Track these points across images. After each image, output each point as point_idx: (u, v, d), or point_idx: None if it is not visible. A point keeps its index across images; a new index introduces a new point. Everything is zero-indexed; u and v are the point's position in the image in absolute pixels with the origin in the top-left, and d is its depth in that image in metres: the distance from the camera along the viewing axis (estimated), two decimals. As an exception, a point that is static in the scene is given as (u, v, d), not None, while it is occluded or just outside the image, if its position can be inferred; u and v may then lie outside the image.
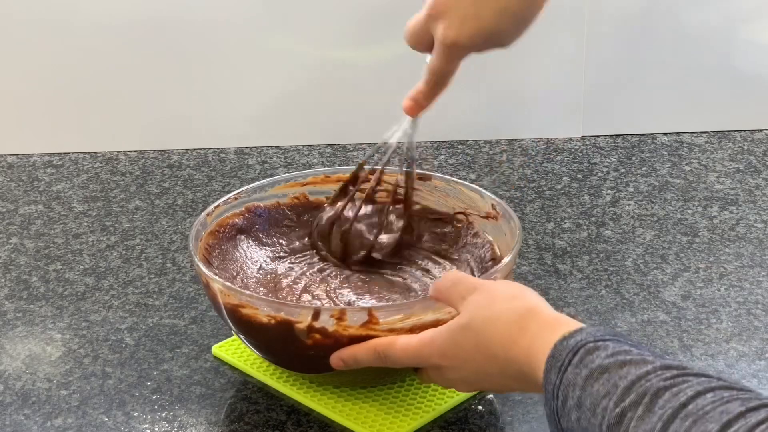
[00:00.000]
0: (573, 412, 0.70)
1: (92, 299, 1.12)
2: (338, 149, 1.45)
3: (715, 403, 0.62)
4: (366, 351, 0.87)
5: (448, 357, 0.83)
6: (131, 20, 1.42)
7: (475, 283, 0.85)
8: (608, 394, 0.67)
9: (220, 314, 0.94)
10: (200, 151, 1.45)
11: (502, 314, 0.80)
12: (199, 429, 0.93)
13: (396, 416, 0.92)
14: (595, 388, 0.68)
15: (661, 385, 0.65)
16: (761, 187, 1.35)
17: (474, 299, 0.83)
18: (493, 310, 0.81)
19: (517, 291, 0.83)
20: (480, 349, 0.80)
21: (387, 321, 0.87)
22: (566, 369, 0.71)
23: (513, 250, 0.94)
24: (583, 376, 0.70)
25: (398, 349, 0.85)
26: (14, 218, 1.28)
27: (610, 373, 0.69)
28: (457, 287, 0.85)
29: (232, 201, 1.06)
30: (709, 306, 1.10)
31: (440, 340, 0.83)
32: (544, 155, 1.43)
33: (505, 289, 0.83)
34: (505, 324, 0.79)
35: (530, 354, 0.76)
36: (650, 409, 0.64)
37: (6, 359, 1.03)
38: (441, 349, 0.83)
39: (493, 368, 0.80)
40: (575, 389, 0.70)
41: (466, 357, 0.82)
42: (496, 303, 0.81)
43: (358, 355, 0.87)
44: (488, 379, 0.82)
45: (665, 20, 1.47)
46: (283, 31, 1.45)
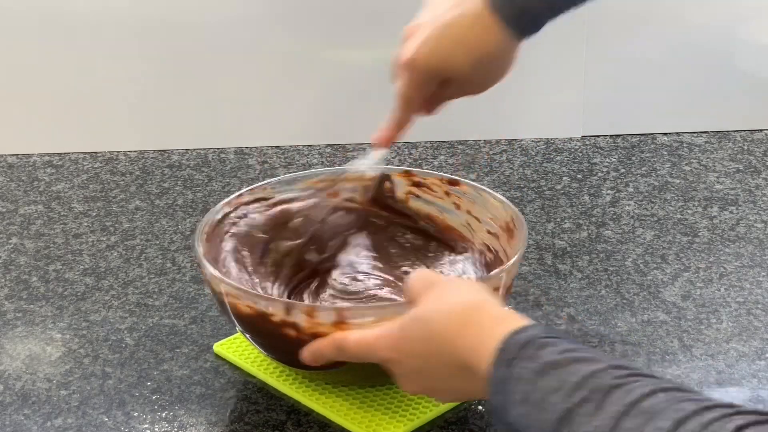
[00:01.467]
0: (519, 406, 0.68)
1: (92, 299, 1.12)
2: (338, 149, 1.46)
3: (668, 401, 0.62)
4: (327, 344, 0.86)
5: (396, 350, 0.81)
6: (131, 20, 1.42)
7: (435, 279, 0.84)
8: (557, 390, 0.66)
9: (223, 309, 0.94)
10: (200, 151, 1.45)
11: (452, 306, 0.79)
12: (199, 429, 0.93)
13: (394, 416, 0.92)
14: (545, 383, 0.67)
15: (613, 383, 0.64)
16: (761, 187, 1.35)
17: (430, 293, 0.82)
18: (444, 301, 0.80)
19: (471, 288, 0.82)
20: (426, 339, 0.79)
21: (357, 322, 0.87)
22: (514, 362, 0.70)
23: (518, 252, 0.95)
24: (532, 370, 0.69)
25: (353, 342, 0.85)
26: (14, 218, 1.28)
27: (560, 368, 0.67)
28: (420, 282, 0.84)
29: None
30: (709, 306, 1.10)
31: (391, 333, 0.82)
32: (544, 155, 1.43)
33: (460, 285, 0.83)
34: (452, 315, 0.78)
35: (476, 346, 0.74)
36: (601, 407, 0.63)
37: (6, 359, 1.03)
38: (391, 341, 0.82)
39: (439, 362, 0.78)
40: (522, 383, 0.69)
41: (414, 349, 0.80)
42: (448, 295, 0.80)
43: (322, 349, 0.87)
44: (433, 375, 0.80)
45: (665, 20, 1.47)
46: (283, 31, 1.45)
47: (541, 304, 1.10)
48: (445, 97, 1.03)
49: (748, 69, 1.50)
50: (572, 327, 1.06)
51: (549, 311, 1.09)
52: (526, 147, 1.46)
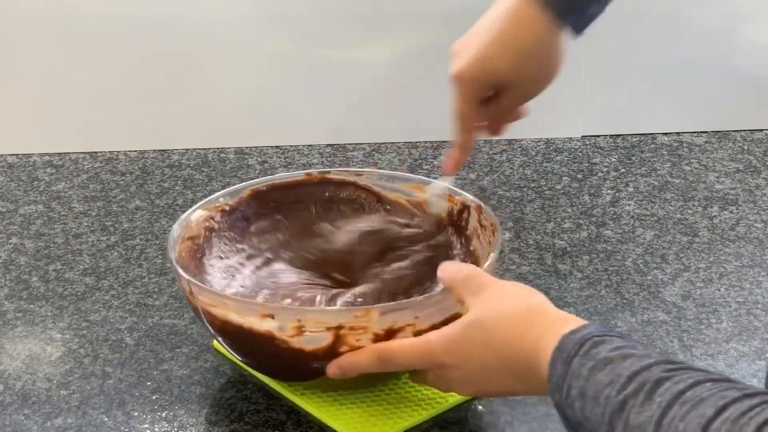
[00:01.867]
0: (576, 401, 0.71)
1: (92, 299, 1.12)
2: (338, 149, 1.45)
3: (712, 390, 0.63)
4: (367, 356, 0.86)
5: (455, 354, 0.83)
6: (131, 20, 1.42)
7: (486, 280, 0.86)
8: (611, 384, 0.68)
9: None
10: (200, 151, 1.45)
11: (512, 311, 0.81)
12: (199, 429, 0.93)
13: (391, 417, 0.92)
14: (599, 378, 0.69)
15: (663, 376, 0.66)
16: (761, 187, 1.35)
17: (484, 296, 0.84)
18: (502, 307, 0.82)
19: (525, 291, 0.84)
20: (488, 345, 0.81)
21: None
22: (572, 360, 0.72)
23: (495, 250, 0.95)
24: (588, 367, 0.71)
25: (403, 351, 0.85)
26: (14, 218, 1.28)
27: (613, 364, 0.70)
28: (469, 282, 0.86)
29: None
30: (709, 306, 1.10)
31: (448, 337, 0.83)
32: (544, 155, 1.43)
33: (514, 289, 0.85)
34: (514, 320, 0.80)
35: (537, 348, 0.77)
36: (650, 397, 0.65)
37: (6, 359, 1.03)
38: (449, 346, 0.83)
39: (498, 365, 0.81)
40: (579, 379, 0.71)
41: (473, 353, 0.82)
42: (505, 300, 0.83)
43: (358, 362, 0.87)
44: (492, 378, 0.82)
45: (665, 20, 1.47)
46: (282, 31, 1.45)
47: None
48: (503, 108, 1.00)
49: (748, 69, 1.50)
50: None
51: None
52: (526, 147, 1.46)
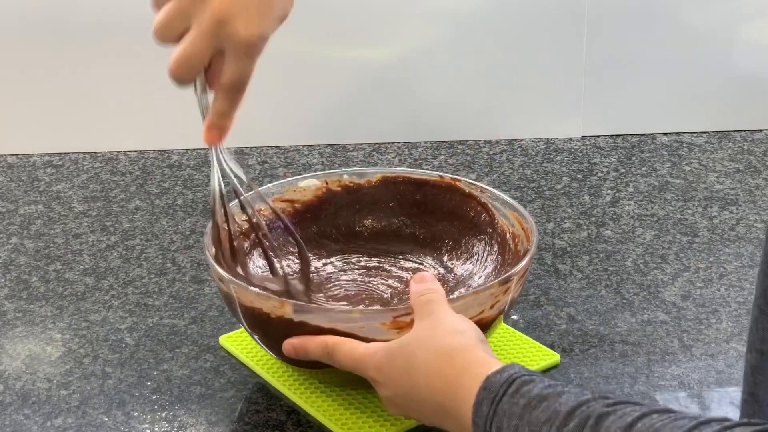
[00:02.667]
0: None
1: (92, 299, 1.12)
2: (338, 149, 1.46)
3: (663, 421, 0.62)
4: (316, 345, 0.86)
5: (381, 372, 0.82)
6: (131, 20, 1.41)
7: (435, 308, 0.84)
8: (549, 420, 0.67)
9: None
10: (200, 151, 1.45)
11: (437, 344, 0.80)
12: (199, 429, 0.93)
13: (390, 417, 0.92)
14: (534, 416, 0.68)
15: (604, 410, 0.65)
16: (761, 187, 1.35)
17: (423, 323, 0.83)
18: (431, 337, 0.80)
19: (462, 326, 0.82)
20: (409, 374, 0.80)
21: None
22: (500, 400, 0.71)
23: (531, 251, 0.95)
24: (520, 405, 0.69)
25: (344, 352, 0.85)
26: (14, 218, 1.28)
27: (549, 401, 0.68)
28: (425, 307, 0.84)
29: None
30: (709, 306, 1.10)
31: (379, 354, 0.83)
32: (544, 155, 1.44)
33: (452, 323, 0.82)
34: (436, 354, 0.79)
35: (456, 388, 0.75)
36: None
37: (6, 359, 1.03)
38: (378, 362, 0.82)
39: (416, 396, 0.79)
40: (512, 418, 0.69)
41: (395, 376, 0.81)
42: (437, 331, 0.81)
43: (309, 347, 0.87)
44: (413, 406, 0.81)
45: (665, 20, 1.47)
46: (282, 31, 1.45)
47: (541, 304, 1.10)
48: None
49: (748, 69, 1.50)
50: (572, 327, 1.06)
51: (549, 311, 1.09)
52: (526, 147, 1.46)
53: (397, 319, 0.86)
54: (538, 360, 0.99)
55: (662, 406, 0.65)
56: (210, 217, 0.96)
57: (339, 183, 1.09)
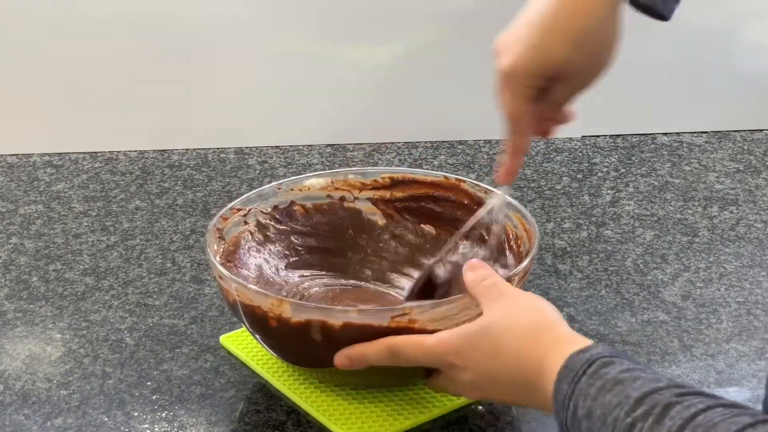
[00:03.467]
0: (583, 421, 0.70)
1: (92, 299, 1.12)
2: (338, 149, 1.45)
3: (725, 415, 0.63)
4: (377, 348, 0.86)
5: (462, 356, 0.83)
6: (131, 20, 1.42)
7: (504, 289, 0.86)
8: (620, 405, 0.68)
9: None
10: (200, 151, 1.45)
11: (521, 324, 0.81)
12: (199, 429, 0.93)
13: (390, 418, 0.92)
14: (607, 399, 0.69)
15: (673, 400, 0.66)
16: (761, 187, 1.35)
17: (498, 305, 0.84)
18: (513, 318, 0.82)
19: (539, 304, 0.84)
20: (494, 355, 0.81)
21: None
22: (579, 379, 0.72)
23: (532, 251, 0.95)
24: (596, 387, 0.71)
25: (412, 347, 0.85)
26: (14, 218, 1.28)
27: (623, 385, 0.69)
28: (490, 290, 0.85)
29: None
30: (709, 306, 1.10)
31: (457, 339, 0.83)
32: (544, 155, 1.43)
33: (528, 301, 0.85)
34: (522, 334, 0.80)
35: (542, 365, 0.77)
36: (660, 421, 0.65)
37: (6, 359, 1.03)
38: (457, 348, 0.83)
39: (503, 376, 0.81)
40: (587, 399, 0.70)
41: (480, 360, 0.82)
42: (517, 312, 0.83)
43: (368, 353, 0.87)
44: (496, 386, 0.82)
45: (665, 20, 1.47)
46: (282, 31, 1.45)
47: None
48: (557, 101, 0.96)
49: (748, 69, 1.50)
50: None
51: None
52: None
53: (395, 318, 0.86)
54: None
55: (733, 401, 0.66)
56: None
57: (346, 182, 1.09)
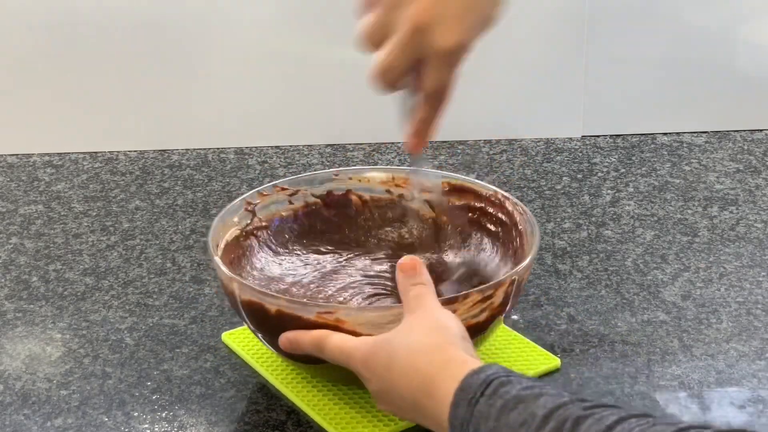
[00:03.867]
0: None
1: (92, 299, 1.12)
2: (338, 149, 1.45)
3: (641, 425, 0.62)
4: (310, 339, 0.86)
5: (366, 367, 0.82)
6: (131, 20, 1.42)
7: (423, 302, 0.83)
8: (525, 423, 0.66)
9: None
10: (200, 151, 1.45)
11: (418, 340, 0.79)
12: (199, 429, 0.93)
13: (390, 418, 0.92)
14: (512, 418, 0.67)
15: (581, 413, 0.64)
16: (761, 187, 1.35)
17: (408, 318, 0.82)
18: (412, 334, 0.80)
19: (447, 323, 0.81)
20: (388, 368, 0.80)
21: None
22: (477, 401, 0.70)
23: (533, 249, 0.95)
24: (497, 407, 0.69)
25: (334, 345, 0.85)
26: (14, 218, 1.28)
27: (526, 403, 0.67)
28: (411, 300, 0.84)
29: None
30: (709, 306, 1.10)
31: (364, 348, 0.82)
32: (544, 155, 1.43)
33: (436, 319, 0.82)
34: (415, 350, 0.78)
35: (432, 385, 0.75)
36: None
37: (6, 359, 1.03)
38: (363, 356, 0.82)
39: (396, 392, 0.79)
40: (488, 420, 0.69)
41: (379, 372, 0.81)
42: (420, 326, 0.81)
43: (301, 340, 0.87)
44: (395, 401, 0.80)
45: (665, 20, 1.47)
46: (282, 31, 1.45)
47: (541, 304, 1.10)
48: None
49: (748, 69, 1.50)
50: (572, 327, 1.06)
51: (549, 311, 1.09)
52: (526, 147, 1.46)
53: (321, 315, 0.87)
54: (538, 364, 0.99)
55: (642, 410, 0.64)
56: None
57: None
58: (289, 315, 0.88)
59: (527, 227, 1.00)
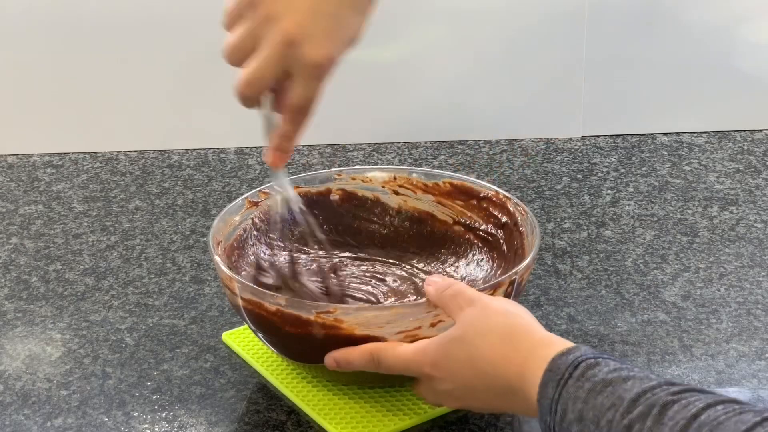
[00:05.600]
0: (574, 425, 0.69)
1: (92, 299, 1.12)
2: (338, 149, 1.45)
3: (728, 413, 0.62)
4: (360, 354, 0.87)
5: (438, 368, 0.82)
6: (131, 20, 1.42)
7: (473, 296, 0.84)
8: (613, 406, 0.67)
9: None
10: (200, 151, 1.45)
11: (496, 329, 0.80)
12: (199, 429, 0.93)
13: (390, 418, 0.92)
14: (599, 401, 0.68)
15: (669, 399, 0.65)
16: (761, 187, 1.35)
17: (470, 312, 0.83)
18: (486, 324, 0.81)
19: (511, 307, 0.83)
20: (470, 363, 0.80)
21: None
22: (566, 382, 0.71)
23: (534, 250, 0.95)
24: (585, 389, 0.70)
25: (392, 356, 0.85)
26: (14, 218, 1.28)
27: (614, 386, 0.68)
28: (456, 299, 0.84)
29: None
30: (709, 306, 1.10)
31: (433, 351, 0.83)
32: (544, 155, 1.43)
33: (500, 305, 0.83)
34: (498, 339, 0.79)
35: (523, 370, 0.76)
36: (660, 421, 0.64)
37: (6, 359, 1.03)
38: (433, 359, 0.83)
39: (481, 384, 0.80)
40: (576, 402, 0.70)
41: (456, 369, 0.81)
42: (490, 317, 0.81)
43: (351, 358, 0.87)
44: (476, 395, 0.81)
45: (665, 20, 1.47)
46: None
47: (541, 304, 1.10)
48: None
49: (748, 69, 1.50)
50: (572, 327, 1.06)
51: (549, 311, 1.09)
52: (526, 147, 1.46)
53: (320, 315, 0.87)
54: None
55: (730, 396, 0.64)
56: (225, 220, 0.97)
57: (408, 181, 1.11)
58: (288, 314, 0.88)
59: (528, 228, 1.00)
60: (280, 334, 0.91)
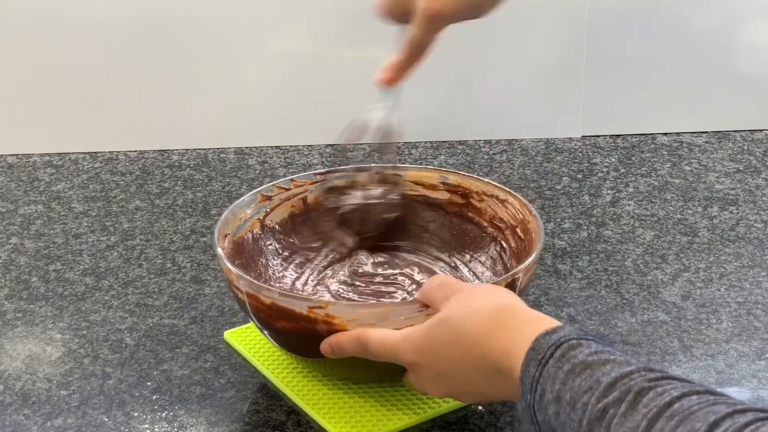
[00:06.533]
0: (551, 405, 0.69)
1: (92, 299, 1.12)
2: (338, 149, 1.45)
3: (701, 404, 0.62)
4: (349, 339, 0.87)
5: (422, 353, 0.82)
6: (131, 20, 1.42)
7: (459, 285, 0.85)
8: (590, 390, 0.67)
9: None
10: (200, 151, 1.45)
11: (481, 309, 0.80)
12: (199, 429, 0.93)
13: (390, 418, 0.92)
14: (577, 383, 0.68)
15: (645, 385, 0.65)
16: (761, 187, 1.35)
17: (455, 297, 0.83)
18: (472, 305, 0.81)
19: (496, 290, 0.83)
20: (455, 342, 0.79)
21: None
22: (547, 362, 0.71)
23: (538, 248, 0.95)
24: (564, 371, 0.69)
25: (379, 341, 0.85)
26: (14, 218, 1.28)
27: (592, 369, 0.68)
28: (442, 289, 0.84)
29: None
30: (709, 306, 1.10)
31: (416, 336, 0.83)
32: (544, 155, 1.44)
33: (485, 289, 0.84)
34: (483, 318, 0.79)
35: (508, 348, 0.75)
36: (634, 407, 0.64)
37: (6, 359, 1.03)
38: (416, 344, 0.82)
39: (466, 364, 0.79)
40: (555, 383, 0.69)
41: (441, 351, 0.81)
42: (476, 299, 0.81)
43: (342, 343, 0.87)
44: (460, 377, 0.80)
45: (665, 20, 1.47)
46: (282, 31, 1.45)
47: (541, 304, 1.10)
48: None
49: (748, 69, 1.50)
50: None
51: (549, 311, 1.09)
52: (526, 147, 1.46)
53: (313, 309, 0.87)
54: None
55: (706, 386, 0.64)
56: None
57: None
58: (282, 308, 0.88)
59: (534, 228, 1.00)
60: (276, 328, 0.91)
